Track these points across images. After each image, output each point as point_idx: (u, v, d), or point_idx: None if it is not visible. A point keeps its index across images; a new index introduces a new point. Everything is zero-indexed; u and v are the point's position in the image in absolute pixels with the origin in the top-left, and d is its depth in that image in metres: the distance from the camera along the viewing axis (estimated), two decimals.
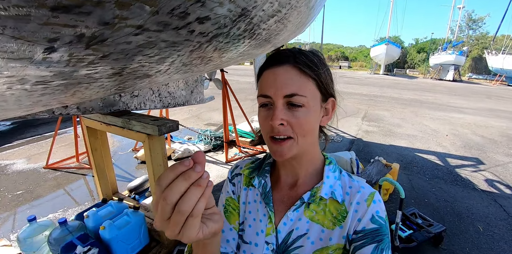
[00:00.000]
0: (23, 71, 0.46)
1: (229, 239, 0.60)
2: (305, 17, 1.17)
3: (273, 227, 0.54)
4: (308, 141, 0.52)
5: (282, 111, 0.49)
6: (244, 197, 0.62)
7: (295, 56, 0.50)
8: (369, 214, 0.50)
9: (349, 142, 4.99)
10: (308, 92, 0.49)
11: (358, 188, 0.54)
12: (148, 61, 0.64)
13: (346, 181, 0.57)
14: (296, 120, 0.49)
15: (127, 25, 0.42)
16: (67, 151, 4.14)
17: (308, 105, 0.49)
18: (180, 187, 0.31)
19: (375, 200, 0.52)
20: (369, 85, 14.63)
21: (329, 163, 0.59)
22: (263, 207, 0.57)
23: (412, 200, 2.99)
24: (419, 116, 7.31)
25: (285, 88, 0.48)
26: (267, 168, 0.62)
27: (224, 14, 0.57)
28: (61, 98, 0.76)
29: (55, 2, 0.31)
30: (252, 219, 0.58)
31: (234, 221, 0.61)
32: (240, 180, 0.65)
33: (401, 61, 32.27)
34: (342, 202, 0.53)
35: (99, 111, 1.62)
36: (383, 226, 0.50)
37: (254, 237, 0.56)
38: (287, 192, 0.58)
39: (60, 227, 1.75)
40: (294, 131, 0.49)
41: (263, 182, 0.60)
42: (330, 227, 0.52)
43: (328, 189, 0.54)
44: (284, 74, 0.49)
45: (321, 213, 0.53)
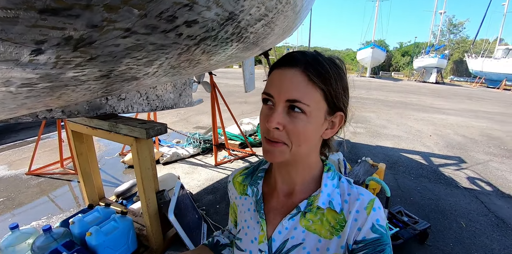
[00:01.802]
0: (9, 73, 0.46)
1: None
2: (292, 21, 1.20)
3: (265, 234, 0.54)
4: (302, 150, 0.50)
5: (280, 115, 0.47)
6: (239, 206, 0.62)
7: (307, 62, 0.46)
8: (369, 223, 0.48)
9: (337, 143, 5.00)
10: (312, 102, 0.46)
11: (357, 196, 0.52)
12: (136, 63, 0.65)
13: (345, 188, 0.54)
14: (294, 127, 0.46)
15: (115, 28, 0.43)
16: (50, 156, 4.01)
17: (310, 115, 0.46)
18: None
19: (375, 208, 0.50)
20: (356, 88, 14.73)
21: (328, 170, 0.56)
22: (256, 215, 0.57)
23: (398, 199, 3.06)
24: (404, 118, 7.52)
25: (288, 92, 0.46)
26: (260, 174, 0.61)
27: (212, 18, 0.58)
28: (47, 101, 0.75)
29: (44, 4, 0.32)
30: (247, 227, 0.58)
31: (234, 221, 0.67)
32: (231, 187, 0.66)
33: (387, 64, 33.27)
34: (340, 211, 0.51)
35: (85, 114, 1.59)
36: (384, 235, 0.48)
37: (249, 245, 0.56)
38: (283, 199, 0.56)
39: (44, 234, 1.69)
40: (290, 138, 0.47)
41: (255, 190, 0.59)
42: (328, 237, 0.50)
43: (326, 198, 0.51)
44: (291, 78, 0.46)
45: (318, 223, 0.51)
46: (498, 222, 2.72)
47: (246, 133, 4.98)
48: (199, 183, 3.33)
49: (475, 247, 2.32)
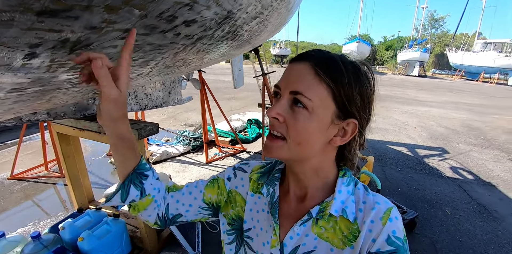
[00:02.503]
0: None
1: (185, 203, 0.60)
2: (284, 18, 1.19)
3: (278, 239, 0.52)
4: (302, 151, 0.47)
5: (282, 107, 0.46)
6: (251, 203, 0.59)
7: (320, 58, 0.45)
8: (385, 234, 0.45)
9: None
10: (316, 98, 0.44)
11: (373, 204, 0.49)
12: (132, 64, 0.62)
13: (360, 195, 0.51)
14: (294, 121, 0.45)
15: (114, 29, 0.41)
16: (33, 159, 3.85)
17: (312, 111, 0.44)
18: None
19: (391, 218, 0.47)
20: None
21: (343, 175, 0.53)
22: (269, 218, 0.55)
23: (387, 190, 3.16)
24: (389, 111, 7.72)
25: (293, 84, 0.45)
26: (277, 175, 0.59)
27: (211, 17, 0.56)
28: (35, 105, 0.72)
29: (42, 6, 0.29)
30: (260, 229, 0.56)
31: (209, 191, 0.62)
32: (244, 178, 0.62)
33: (371, 58, 33.92)
34: (354, 220, 0.48)
35: (71, 116, 1.53)
36: (401, 248, 0.45)
37: (261, 247, 0.54)
38: (296, 204, 0.55)
39: (33, 241, 1.63)
40: (289, 132, 0.46)
41: (271, 191, 0.56)
42: (340, 247, 0.48)
43: (339, 205, 0.49)
44: (297, 71, 0.46)
45: (331, 231, 0.49)
46: (480, 209, 2.87)
47: (236, 129, 4.96)
48: (191, 181, 3.30)
49: (460, 234, 2.44)
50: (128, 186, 0.53)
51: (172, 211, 0.60)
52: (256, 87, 5.41)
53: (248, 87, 7.78)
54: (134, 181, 0.53)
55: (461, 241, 2.33)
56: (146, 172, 0.56)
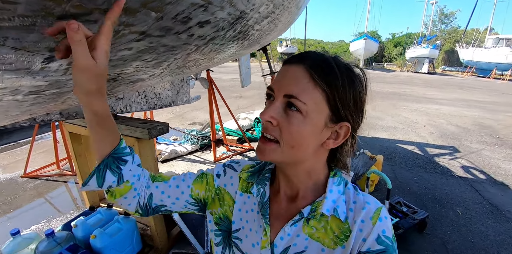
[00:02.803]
0: (18, 82, 0.43)
1: (171, 195, 0.58)
2: (294, 16, 1.18)
3: (268, 240, 0.51)
4: (295, 152, 0.47)
5: (276, 110, 0.45)
6: (240, 203, 0.57)
7: (315, 61, 0.45)
8: (375, 234, 0.47)
9: None
10: (310, 102, 0.44)
11: (363, 204, 0.50)
12: (145, 65, 0.63)
13: (351, 195, 0.52)
14: (288, 125, 0.45)
15: (131, 32, 0.41)
16: (46, 158, 3.94)
17: (307, 115, 0.44)
18: None
19: (381, 217, 0.48)
20: None
21: (334, 175, 0.53)
22: (259, 218, 0.54)
23: (396, 189, 3.12)
24: (398, 109, 7.61)
25: (287, 87, 0.44)
26: (267, 175, 0.58)
27: (224, 18, 0.56)
28: (50, 107, 0.73)
29: (63, 11, 0.30)
30: (249, 229, 0.55)
31: (197, 187, 0.60)
32: (233, 177, 0.61)
33: (379, 55, 33.43)
34: (345, 220, 0.49)
35: (83, 116, 1.55)
36: (390, 247, 0.46)
37: (250, 248, 0.53)
38: (287, 204, 0.54)
39: (47, 239, 1.67)
40: (282, 135, 0.45)
41: (261, 191, 0.56)
42: (331, 247, 0.48)
43: (331, 204, 0.49)
44: (292, 73, 0.45)
45: (322, 231, 0.49)
46: (493, 209, 2.81)
47: (244, 127, 4.96)
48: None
49: (471, 234, 2.39)
50: (104, 170, 0.49)
51: (156, 201, 0.58)
52: (263, 86, 5.41)
53: (255, 85, 7.78)
54: (110, 165, 0.49)
55: (473, 242, 2.29)
56: (125, 157, 0.51)
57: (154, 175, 0.61)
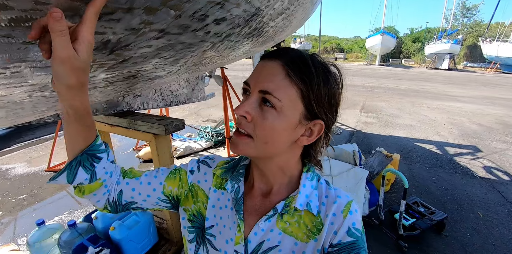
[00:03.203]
0: (47, 79, 0.46)
1: (142, 192, 0.56)
2: (308, 12, 1.17)
3: (242, 236, 0.51)
4: (269, 149, 0.47)
5: (251, 105, 0.45)
6: (213, 200, 0.57)
7: (292, 57, 0.45)
8: (345, 227, 0.48)
9: (348, 134, 5.02)
10: (285, 98, 0.44)
11: (335, 198, 0.51)
12: (163, 63, 0.64)
13: (323, 189, 0.53)
14: (262, 120, 0.45)
15: (151, 30, 0.42)
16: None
17: (281, 111, 0.44)
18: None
19: (351, 211, 0.50)
20: (366, 77, 14.65)
21: (307, 170, 0.54)
22: (233, 214, 0.54)
23: (413, 189, 3.04)
24: (416, 106, 7.37)
25: (262, 83, 0.44)
26: (241, 171, 0.58)
27: (239, 15, 0.57)
28: None
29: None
30: (223, 226, 0.54)
31: (170, 183, 0.58)
32: (207, 173, 0.60)
33: (397, 51, 32.34)
34: (317, 214, 0.50)
35: (103, 112, 1.61)
36: (359, 238, 0.49)
37: (224, 245, 0.53)
38: (261, 199, 0.54)
39: (70, 229, 1.76)
40: (256, 131, 0.45)
41: (235, 187, 0.55)
42: (304, 240, 0.49)
43: (304, 199, 0.50)
44: (268, 70, 0.45)
45: (295, 225, 0.50)
46: None
47: None
48: None
49: (493, 237, 2.30)
50: (76, 167, 0.47)
51: (126, 198, 0.56)
52: None
53: None
54: (83, 163, 0.47)
55: (495, 246, 2.20)
56: (100, 154, 0.49)
57: (125, 170, 0.59)
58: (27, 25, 0.30)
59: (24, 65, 0.38)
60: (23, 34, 0.31)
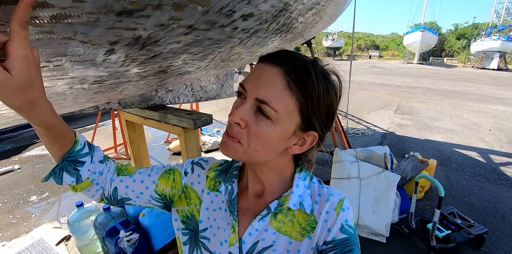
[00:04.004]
0: (85, 72, 0.50)
1: (135, 190, 0.57)
2: (341, 7, 1.12)
3: (237, 237, 0.51)
4: (260, 156, 0.47)
5: (246, 112, 0.43)
6: (207, 202, 0.57)
7: (294, 66, 0.43)
8: (339, 224, 0.49)
9: (380, 135, 4.79)
10: (282, 110, 0.42)
11: (327, 196, 0.52)
12: (192, 58, 0.66)
13: (316, 188, 0.54)
14: (256, 130, 0.43)
15: (179, 26, 0.44)
16: (106, 142, 4.43)
17: (277, 122, 0.43)
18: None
19: (344, 208, 0.50)
20: (402, 76, 13.81)
21: (300, 170, 0.54)
22: (227, 215, 0.53)
23: (450, 199, 2.82)
24: (458, 109, 6.79)
25: (260, 90, 0.42)
26: (235, 172, 0.58)
27: (267, 10, 0.56)
28: (110, 95, 0.82)
29: (122, 7, 0.33)
30: (216, 228, 0.54)
31: (163, 183, 0.58)
32: (201, 175, 0.60)
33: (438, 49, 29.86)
34: (311, 212, 0.50)
35: (137, 106, 1.71)
36: (352, 235, 0.49)
37: (218, 247, 0.53)
38: (254, 199, 0.54)
39: (105, 213, 1.90)
40: (248, 139, 0.44)
41: (229, 188, 0.55)
42: (299, 239, 0.50)
43: (297, 199, 0.51)
44: (268, 76, 0.42)
45: (289, 224, 0.51)
46: None
47: None
48: None
49: None
50: (60, 173, 0.48)
51: (121, 194, 0.57)
52: None
53: None
54: (66, 168, 0.48)
55: None
56: (82, 158, 0.49)
57: (120, 167, 0.59)
58: (67, 22, 0.32)
59: (65, 59, 0.42)
60: (63, 30, 0.34)
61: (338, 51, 30.41)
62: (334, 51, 30.18)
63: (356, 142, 4.45)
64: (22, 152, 4.32)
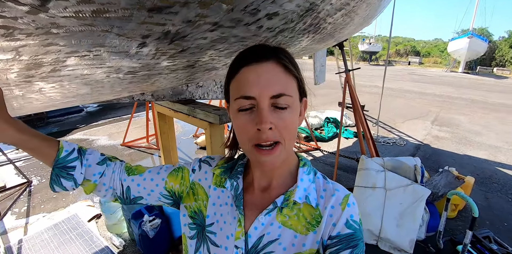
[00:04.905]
0: (120, 63, 0.55)
1: (146, 187, 0.59)
2: (375, 9, 1.09)
3: (243, 231, 0.52)
4: (292, 143, 0.49)
5: (268, 114, 0.44)
6: (214, 198, 0.58)
7: (277, 52, 0.46)
8: (344, 219, 0.49)
9: (414, 146, 4.51)
10: (293, 92, 0.46)
11: (333, 191, 0.52)
12: (218, 55, 0.69)
13: (320, 183, 0.54)
14: (283, 122, 0.45)
15: (205, 22, 0.47)
16: (139, 132, 4.73)
17: (293, 106, 0.46)
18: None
19: (349, 203, 0.51)
20: (444, 85, 12.84)
21: (303, 165, 0.56)
22: (233, 210, 0.55)
23: (487, 222, 2.58)
24: (506, 124, 6.15)
25: (271, 87, 0.43)
26: (240, 169, 0.59)
27: (292, 10, 0.57)
28: (143, 86, 0.88)
29: (152, 4, 0.37)
30: (223, 222, 0.55)
31: (172, 180, 0.60)
32: (208, 171, 0.61)
33: (487, 57, 27.06)
34: (316, 206, 0.51)
35: (169, 99, 1.81)
36: (357, 230, 0.49)
37: (225, 241, 0.54)
38: (260, 194, 0.55)
39: None
40: (282, 134, 0.46)
41: (235, 184, 0.57)
42: (304, 233, 0.50)
43: (302, 192, 0.51)
44: (269, 72, 0.44)
45: (295, 218, 0.51)
46: None
47: (312, 126, 4.88)
48: None
49: None
50: (58, 180, 0.53)
51: (133, 193, 0.60)
52: (338, 85, 5.15)
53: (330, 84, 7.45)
54: (60, 174, 0.52)
55: None
56: (71, 163, 0.53)
57: (130, 167, 0.62)
58: (105, 16, 0.37)
59: (103, 50, 0.47)
60: (102, 24, 0.38)
61: (375, 56, 28.94)
62: (370, 56, 28.80)
63: (386, 151, 4.25)
64: (66, 135, 4.77)
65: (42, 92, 0.65)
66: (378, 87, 4.34)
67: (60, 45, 0.42)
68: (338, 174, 3.46)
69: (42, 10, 0.32)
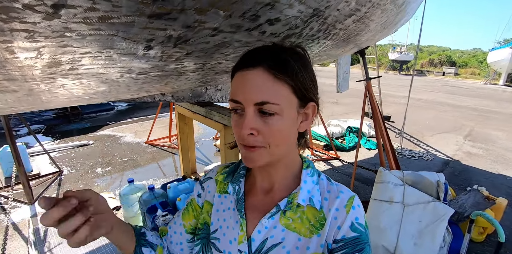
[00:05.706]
0: (130, 63, 0.60)
1: (177, 242, 0.61)
2: (394, 15, 1.06)
3: (245, 234, 0.52)
4: (282, 149, 0.48)
5: (252, 120, 0.44)
6: (217, 204, 0.58)
7: (269, 58, 0.44)
8: (349, 221, 0.48)
9: (442, 162, 4.23)
10: (282, 100, 0.44)
11: (337, 193, 0.51)
12: (225, 58, 0.72)
13: (325, 185, 0.53)
14: (268, 128, 0.45)
15: (205, 28, 0.50)
16: (163, 132, 4.93)
17: (282, 113, 0.45)
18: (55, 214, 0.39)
19: (354, 206, 0.49)
20: (481, 98, 11.91)
21: (307, 167, 0.55)
22: (235, 214, 0.54)
23: None
24: None
25: (255, 95, 0.43)
26: (242, 172, 0.59)
27: (295, 15, 0.59)
28: (158, 87, 0.94)
29: (151, 11, 0.40)
30: (226, 227, 0.55)
31: (187, 219, 0.62)
32: (210, 184, 0.62)
33: None
34: (320, 208, 0.50)
35: (188, 100, 1.88)
36: (363, 234, 0.48)
37: (228, 246, 0.53)
38: (263, 197, 0.55)
39: (149, 191, 2.13)
40: (266, 140, 0.45)
41: (237, 188, 0.57)
42: (308, 235, 0.49)
43: (306, 194, 0.51)
44: (254, 79, 0.44)
45: (298, 221, 0.50)
46: None
47: (333, 135, 4.77)
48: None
49: None
50: (139, 251, 0.56)
51: (176, 251, 0.62)
52: (361, 93, 5.00)
53: (354, 93, 7.25)
54: (140, 242, 0.56)
55: None
56: (141, 231, 0.59)
57: (161, 232, 0.66)
58: (110, 22, 0.41)
59: (113, 51, 0.52)
60: (108, 28, 0.43)
61: (406, 65, 27.56)
62: (400, 65, 27.42)
63: (411, 165, 4.03)
64: (96, 130, 5.11)
65: (65, 88, 0.72)
66: (407, 98, 4.15)
67: (74, 47, 0.47)
68: (357, 185, 3.34)
69: (56, 17, 0.37)
